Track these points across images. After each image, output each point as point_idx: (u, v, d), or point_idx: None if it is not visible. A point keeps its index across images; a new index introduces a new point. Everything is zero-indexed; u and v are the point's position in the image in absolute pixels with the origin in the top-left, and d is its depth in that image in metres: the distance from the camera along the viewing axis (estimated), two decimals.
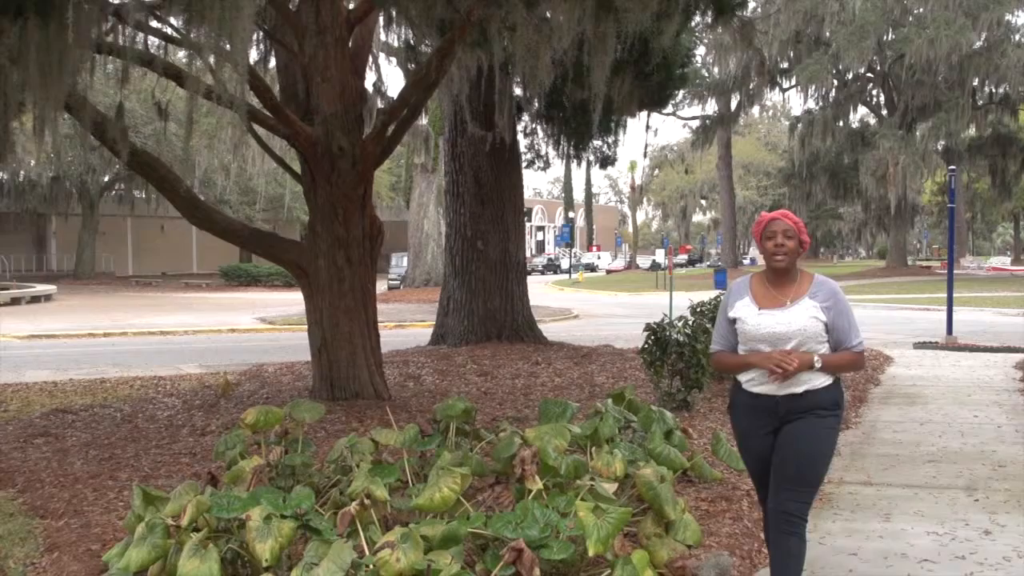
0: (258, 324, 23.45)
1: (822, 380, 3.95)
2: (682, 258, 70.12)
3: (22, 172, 42.24)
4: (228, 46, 7.38)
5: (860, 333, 4.04)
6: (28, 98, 7.85)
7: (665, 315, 9.72)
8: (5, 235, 48.11)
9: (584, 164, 26.05)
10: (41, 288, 34.08)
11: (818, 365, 3.90)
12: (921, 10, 39.92)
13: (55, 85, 7.31)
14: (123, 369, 13.72)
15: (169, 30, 9.32)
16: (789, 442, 3.95)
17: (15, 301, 30.61)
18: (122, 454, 7.26)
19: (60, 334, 20.26)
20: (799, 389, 3.93)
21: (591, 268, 70.11)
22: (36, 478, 6.54)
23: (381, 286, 32.76)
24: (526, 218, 20.46)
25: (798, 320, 3.93)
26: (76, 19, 7.19)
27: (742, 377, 4.09)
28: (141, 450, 7.38)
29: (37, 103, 7.73)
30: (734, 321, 4.09)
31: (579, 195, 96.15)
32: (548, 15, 10.09)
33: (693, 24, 13.89)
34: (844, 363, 4.03)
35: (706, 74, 44.00)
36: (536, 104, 15.29)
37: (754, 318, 4.00)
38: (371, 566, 3.70)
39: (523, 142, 16.48)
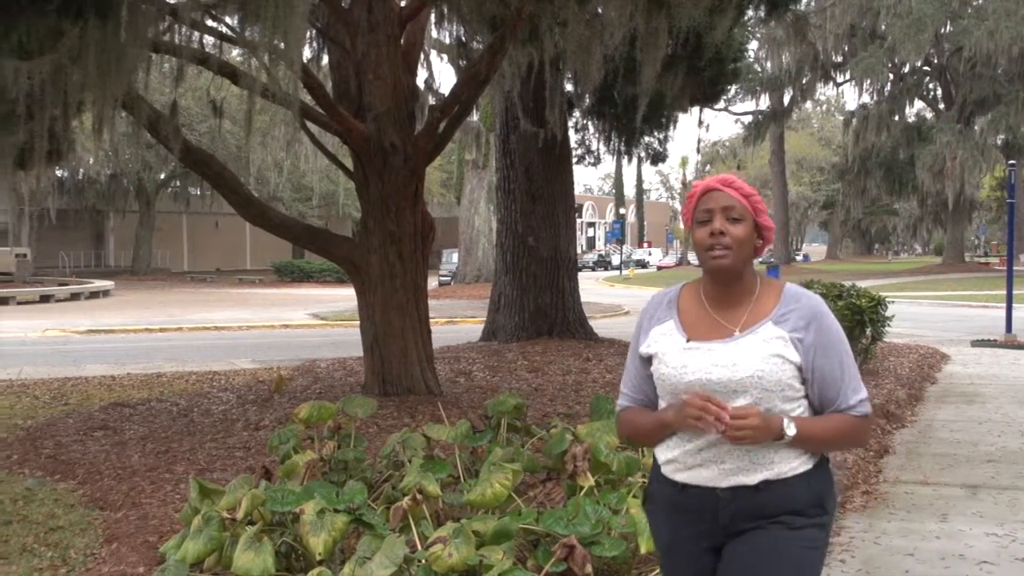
0: (310, 320, 23.68)
1: (795, 463, 2.30)
2: None
3: (81, 170, 43.22)
4: (282, 44, 7.45)
5: (862, 387, 2.35)
6: (87, 97, 7.99)
7: None
8: (65, 231, 49.10)
9: (635, 160, 25.98)
10: (99, 284, 34.75)
11: (790, 434, 2.25)
12: (981, 1, 39.17)
13: (113, 84, 7.43)
14: (178, 364, 13.94)
15: (224, 29, 9.44)
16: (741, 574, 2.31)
17: (75, 296, 31.29)
18: (178, 447, 7.37)
19: (118, 329, 20.63)
20: (752, 479, 2.29)
21: (642, 264, 69.99)
22: (96, 470, 6.67)
23: (432, 282, 32.96)
24: (577, 214, 20.46)
25: (749, 361, 2.28)
26: (133, 19, 7.29)
27: (660, 455, 2.45)
28: (197, 444, 7.49)
29: (96, 102, 7.87)
30: (649, 360, 2.46)
31: (630, 191, 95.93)
32: (599, 11, 10.07)
33: (746, 19, 13.79)
34: (835, 434, 2.33)
35: (759, 69, 43.64)
36: (587, 100, 15.28)
37: (677, 356, 2.36)
38: (423, 561, 3.72)
39: (574, 138, 16.45)
